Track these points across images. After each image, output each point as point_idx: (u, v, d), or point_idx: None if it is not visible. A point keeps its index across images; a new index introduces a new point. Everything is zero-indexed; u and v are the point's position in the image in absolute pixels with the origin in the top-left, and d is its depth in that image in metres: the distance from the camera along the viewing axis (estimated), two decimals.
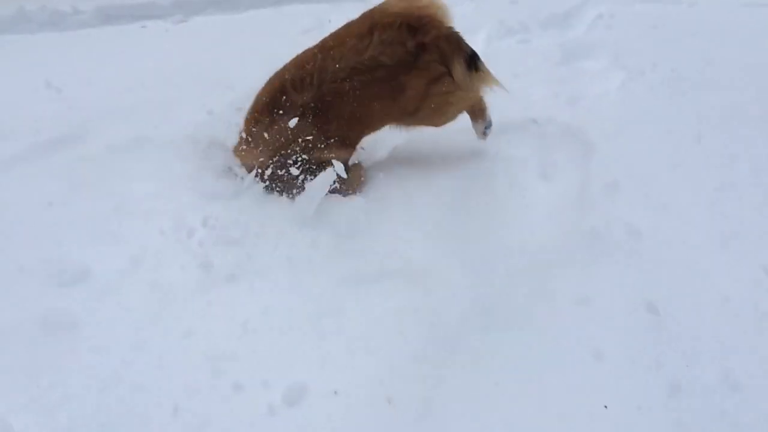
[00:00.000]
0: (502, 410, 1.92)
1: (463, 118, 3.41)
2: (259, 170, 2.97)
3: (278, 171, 2.92)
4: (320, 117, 2.87)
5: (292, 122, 2.84)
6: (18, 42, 5.98)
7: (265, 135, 2.91)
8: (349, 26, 2.97)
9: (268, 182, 2.97)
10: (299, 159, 2.91)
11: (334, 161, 2.80)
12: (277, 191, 3.00)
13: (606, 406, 1.89)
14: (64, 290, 2.41)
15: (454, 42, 2.93)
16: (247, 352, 2.11)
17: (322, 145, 2.92)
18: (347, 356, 2.09)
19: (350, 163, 3.07)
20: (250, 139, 2.98)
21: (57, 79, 4.77)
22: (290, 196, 2.95)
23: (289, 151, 2.90)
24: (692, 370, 1.96)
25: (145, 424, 1.93)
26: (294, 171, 2.89)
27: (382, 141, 3.36)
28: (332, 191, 2.86)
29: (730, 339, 2.07)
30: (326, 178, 2.76)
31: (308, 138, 2.87)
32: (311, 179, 2.83)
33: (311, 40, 5.73)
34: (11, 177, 3.21)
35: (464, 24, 6.03)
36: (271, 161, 2.92)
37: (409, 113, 3.01)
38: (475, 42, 5.47)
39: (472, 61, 2.95)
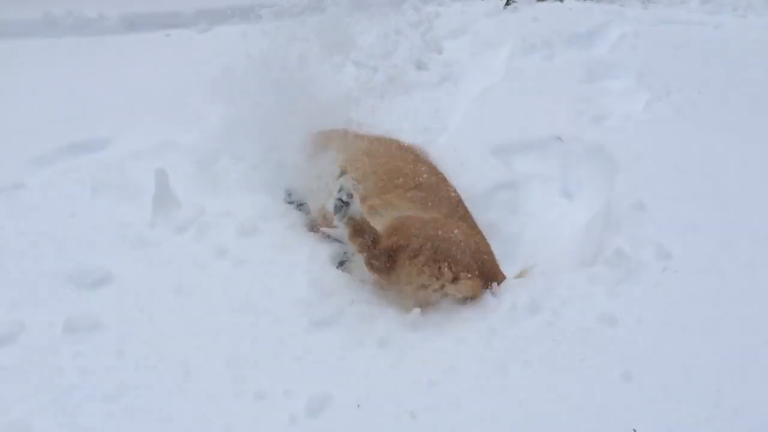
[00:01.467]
0: (528, 429, 1.89)
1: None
2: None
3: None
4: None
5: None
6: (44, 46, 6.04)
7: None
8: None
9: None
10: None
11: None
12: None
13: (635, 430, 1.85)
14: (87, 293, 2.41)
15: None
16: (270, 360, 2.09)
17: None
18: (371, 368, 2.06)
19: None
20: None
21: (81, 84, 4.82)
22: None
23: None
24: (724, 396, 1.92)
25: (166, 430, 1.91)
26: None
27: None
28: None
29: (765, 367, 2.03)
30: None
31: None
32: None
33: (334, 51, 5.74)
34: (37, 180, 3.23)
35: (487, 40, 6.09)
36: None
37: None
38: (498, 58, 5.50)
39: None
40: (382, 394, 1.98)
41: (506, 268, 2.73)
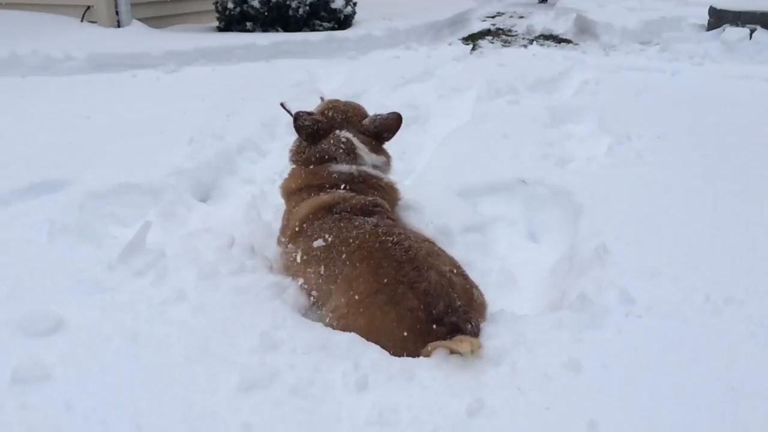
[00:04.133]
0: None
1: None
2: None
3: None
4: None
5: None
6: (7, 84, 5.96)
7: None
8: None
9: None
10: None
11: None
12: None
13: None
14: (37, 341, 2.30)
15: None
16: (227, 412, 2.01)
17: None
18: (332, 419, 1.99)
19: None
20: None
21: (43, 123, 4.75)
22: None
23: None
24: None
25: None
26: None
27: None
28: None
29: (728, 413, 2.02)
30: None
31: None
32: None
33: (302, 92, 5.81)
34: None
35: (453, 83, 6.19)
36: None
37: None
38: (464, 101, 5.59)
39: None
40: None
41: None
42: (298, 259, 2.66)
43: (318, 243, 2.60)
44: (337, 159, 2.91)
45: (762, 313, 2.46)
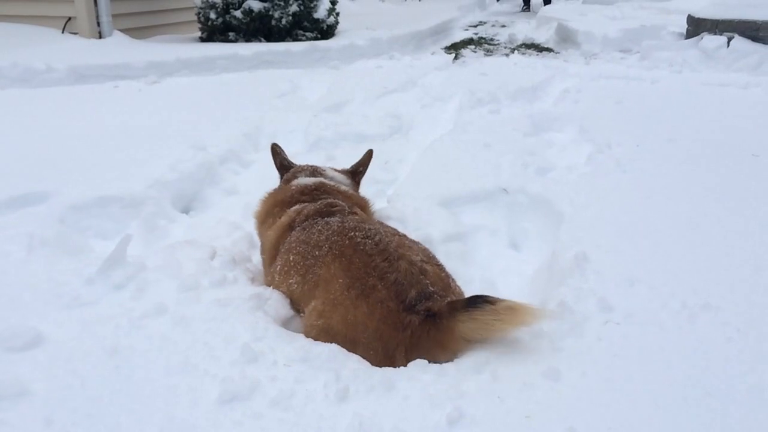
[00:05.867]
0: None
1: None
2: None
3: None
4: None
5: None
6: None
7: None
8: None
9: None
10: None
11: None
12: None
13: None
14: (15, 357, 2.28)
15: None
16: (208, 425, 2.00)
17: None
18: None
19: None
20: None
21: (24, 136, 4.72)
22: None
23: None
24: None
25: None
26: None
27: None
28: None
29: (706, 419, 2.04)
30: None
31: None
32: None
33: (285, 103, 5.82)
34: None
35: (436, 93, 6.22)
36: None
37: None
38: (446, 110, 5.62)
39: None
40: None
41: None
42: (277, 278, 2.73)
43: (293, 257, 2.67)
44: (302, 175, 3.20)
45: (738, 319, 2.50)
